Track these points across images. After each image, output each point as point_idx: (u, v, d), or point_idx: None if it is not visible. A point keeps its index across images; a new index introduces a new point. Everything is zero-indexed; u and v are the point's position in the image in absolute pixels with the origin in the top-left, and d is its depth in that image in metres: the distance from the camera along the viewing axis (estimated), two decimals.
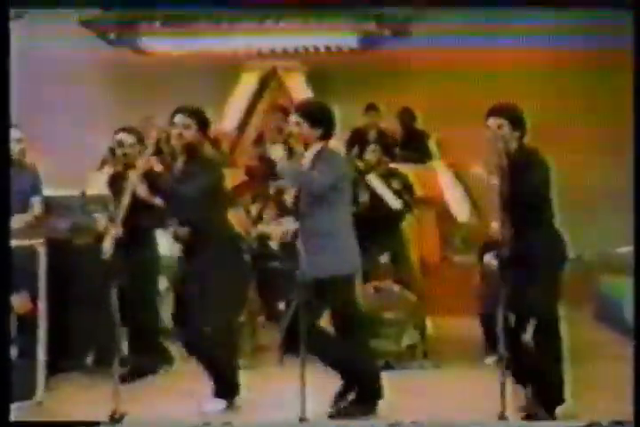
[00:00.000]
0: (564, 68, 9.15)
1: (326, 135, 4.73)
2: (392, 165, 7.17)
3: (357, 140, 8.73)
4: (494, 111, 4.67)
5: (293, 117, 4.73)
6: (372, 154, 6.94)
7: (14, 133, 5.32)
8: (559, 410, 4.58)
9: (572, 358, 6.02)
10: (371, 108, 8.99)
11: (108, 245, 4.74)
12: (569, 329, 6.70)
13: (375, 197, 6.72)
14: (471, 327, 6.05)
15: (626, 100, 4.54)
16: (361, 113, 9.06)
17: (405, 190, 6.90)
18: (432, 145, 8.77)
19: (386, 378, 5.70)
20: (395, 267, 6.74)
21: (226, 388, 4.97)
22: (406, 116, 9.11)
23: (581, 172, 8.96)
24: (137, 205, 4.98)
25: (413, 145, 8.92)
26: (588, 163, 9.12)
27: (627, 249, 5.24)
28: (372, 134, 8.85)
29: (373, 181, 6.80)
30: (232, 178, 7.42)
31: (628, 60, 4.62)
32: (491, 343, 5.09)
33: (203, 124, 5.00)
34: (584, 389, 5.23)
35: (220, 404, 4.93)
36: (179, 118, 4.94)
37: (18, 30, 4.68)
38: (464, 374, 5.78)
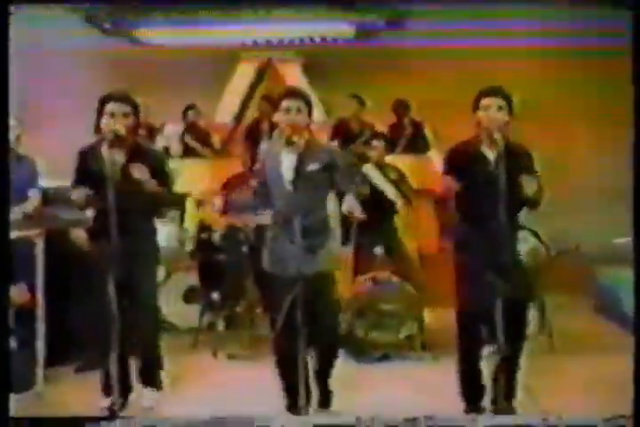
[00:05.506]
0: (564, 65, 9.11)
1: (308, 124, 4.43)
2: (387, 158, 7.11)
3: (341, 131, 8.68)
4: (492, 91, 4.41)
5: (292, 103, 4.30)
6: (373, 150, 6.84)
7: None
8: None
9: (571, 350, 6.07)
10: (353, 98, 8.83)
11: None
12: (568, 320, 6.75)
13: (373, 190, 6.66)
14: None
15: (626, 98, 4.51)
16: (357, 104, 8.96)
17: (402, 182, 6.86)
18: (428, 135, 8.78)
19: (384, 369, 5.75)
20: (391, 259, 6.72)
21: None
22: (401, 108, 9.04)
23: (581, 164, 8.99)
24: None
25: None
26: (588, 155, 9.11)
27: (626, 240, 5.21)
28: (356, 126, 8.70)
29: (371, 173, 6.75)
30: (229, 168, 7.47)
31: (627, 58, 4.59)
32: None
33: (137, 111, 4.52)
34: (583, 380, 5.25)
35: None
36: (117, 107, 4.43)
37: (15, 23, 4.58)
38: None
